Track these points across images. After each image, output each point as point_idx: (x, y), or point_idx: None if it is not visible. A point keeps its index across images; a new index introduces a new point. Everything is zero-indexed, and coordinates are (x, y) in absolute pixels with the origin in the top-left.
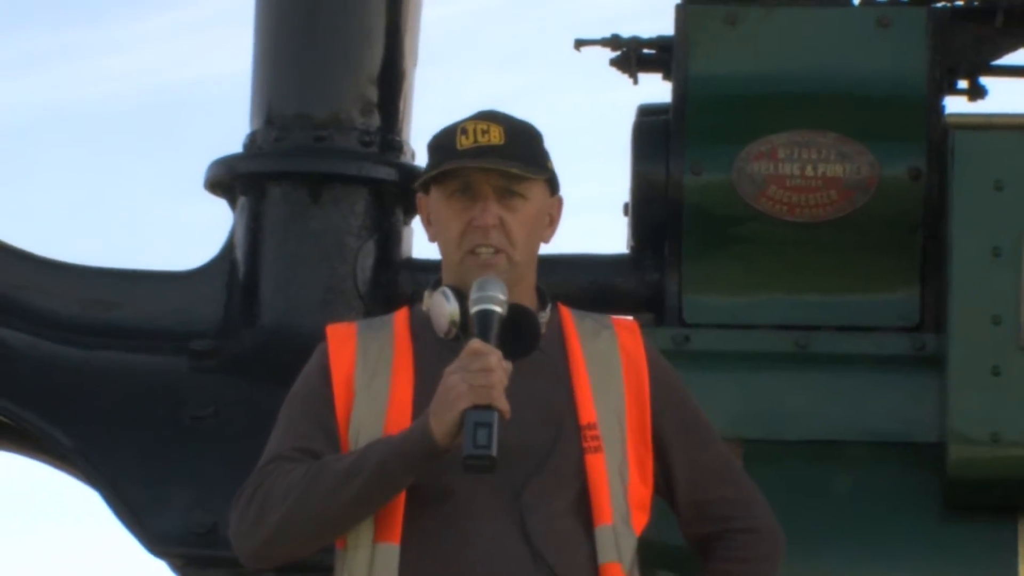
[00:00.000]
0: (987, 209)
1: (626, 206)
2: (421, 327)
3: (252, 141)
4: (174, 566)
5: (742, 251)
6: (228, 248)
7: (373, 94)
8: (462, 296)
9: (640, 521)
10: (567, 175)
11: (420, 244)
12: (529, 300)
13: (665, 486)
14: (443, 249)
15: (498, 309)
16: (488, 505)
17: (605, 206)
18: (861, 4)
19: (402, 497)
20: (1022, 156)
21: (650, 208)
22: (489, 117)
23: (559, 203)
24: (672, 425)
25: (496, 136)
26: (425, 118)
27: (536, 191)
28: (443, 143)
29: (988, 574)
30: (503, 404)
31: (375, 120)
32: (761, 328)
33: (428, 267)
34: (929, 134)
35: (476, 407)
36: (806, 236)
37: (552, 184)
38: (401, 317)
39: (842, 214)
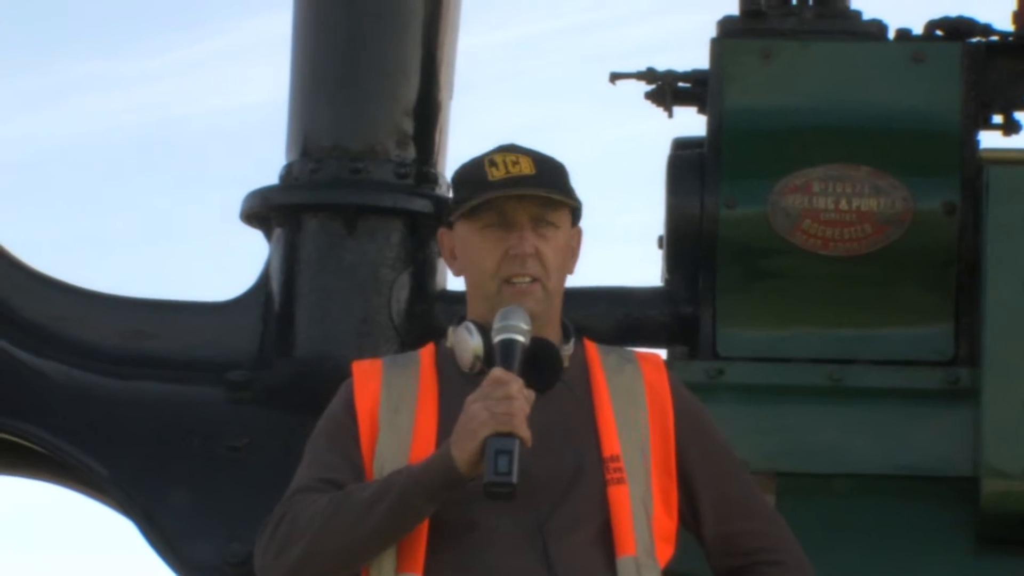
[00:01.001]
0: (1021, 244)
1: (660, 239)
2: (446, 363)
3: (288, 172)
4: None
5: (776, 285)
6: (264, 279)
7: (409, 126)
8: (485, 331)
9: (665, 553)
10: (603, 207)
11: (455, 276)
12: (555, 333)
13: (691, 518)
14: (474, 281)
15: (521, 339)
16: (511, 536)
17: (640, 239)
18: (896, 39)
19: (424, 528)
20: None
21: (685, 241)
22: (515, 149)
23: (579, 234)
24: (697, 457)
25: (527, 167)
26: (460, 149)
27: (564, 221)
28: (472, 177)
29: None
30: (525, 432)
31: (410, 152)
32: (795, 361)
33: (463, 299)
34: (963, 169)
35: (498, 435)
36: (840, 270)
37: (575, 215)
38: (427, 353)
39: (876, 248)
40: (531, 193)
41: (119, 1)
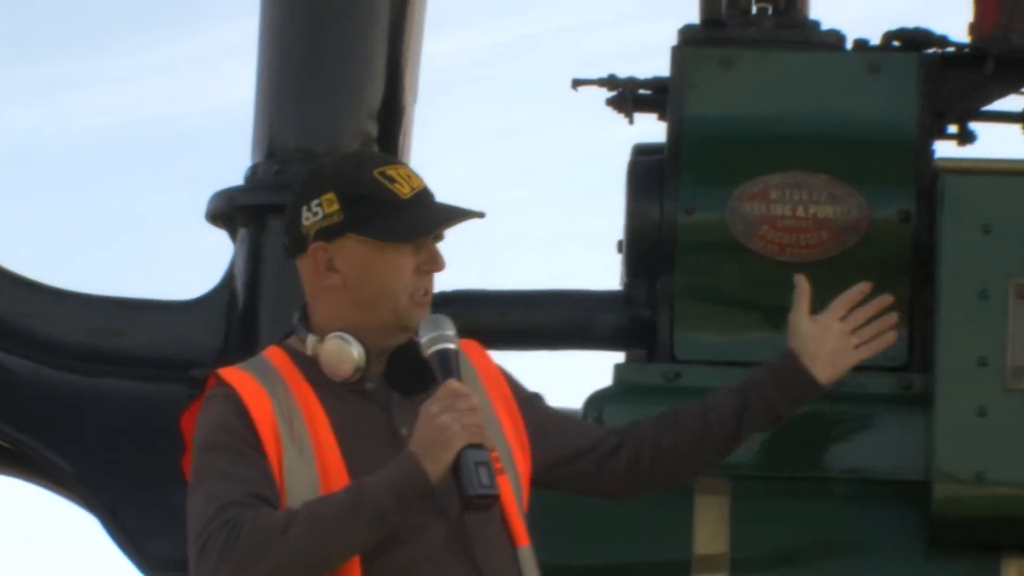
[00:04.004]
0: (975, 252)
1: (620, 243)
2: (309, 369)
3: (253, 174)
4: None
5: (733, 290)
6: (228, 279)
7: (373, 129)
8: (362, 342)
9: None
10: (564, 211)
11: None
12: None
13: (557, 454)
14: (371, 294)
15: (453, 346)
16: (439, 539)
17: (600, 243)
18: (853, 50)
19: None
20: (1010, 200)
21: (643, 246)
22: (391, 160)
23: None
24: (539, 416)
25: (418, 178)
26: (424, 153)
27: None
28: (371, 192)
29: None
30: (491, 441)
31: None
32: (751, 365)
33: (439, 300)
34: (918, 178)
35: (471, 446)
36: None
37: None
38: (281, 360)
39: (832, 255)
40: (475, 214)
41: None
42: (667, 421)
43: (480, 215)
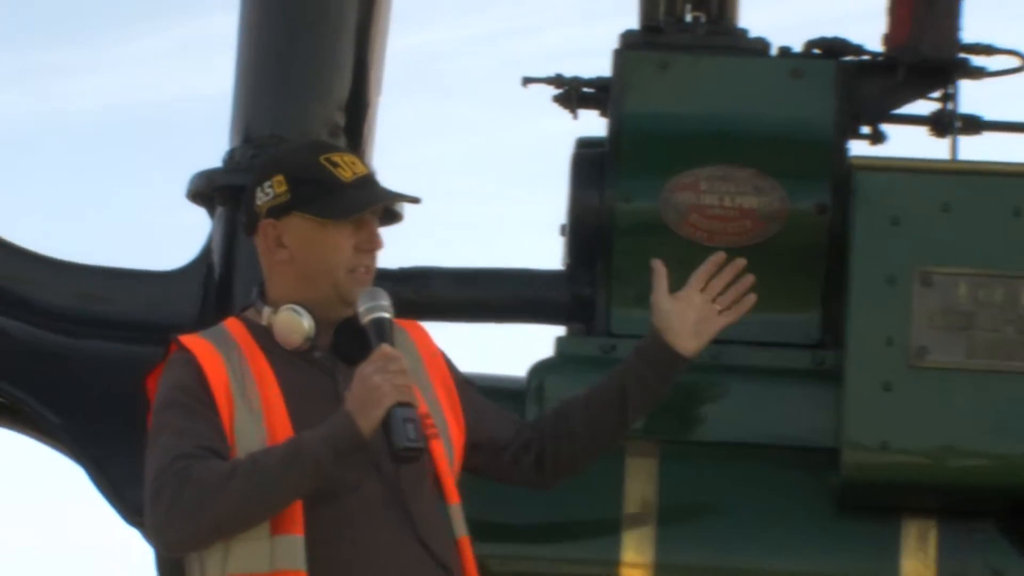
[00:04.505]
0: (884, 242)
1: (563, 227)
2: (263, 338)
3: (231, 157)
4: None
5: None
6: (206, 252)
7: (341, 119)
8: (313, 313)
9: None
10: (512, 197)
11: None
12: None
13: (486, 442)
14: (314, 268)
15: (388, 315)
16: (375, 493)
17: (544, 226)
18: (778, 56)
19: None
20: (916, 195)
21: (584, 230)
22: (339, 149)
23: None
24: (471, 400)
25: (362, 166)
26: (386, 142)
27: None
28: (316, 176)
29: (874, 567)
30: (418, 401)
31: (341, 142)
32: None
33: (380, 274)
34: (834, 173)
35: (400, 404)
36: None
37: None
38: (238, 329)
39: (755, 242)
40: (410, 199)
41: None
42: (561, 417)
43: (414, 200)
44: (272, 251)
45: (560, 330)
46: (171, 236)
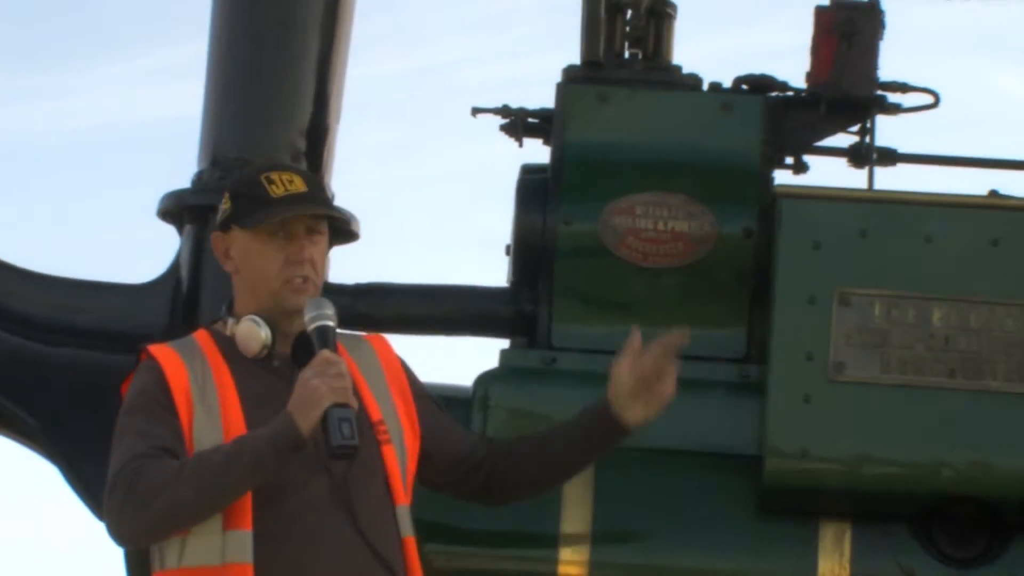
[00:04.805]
0: (805, 264)
1: (508, 247)
2: (227, 348)
3: (199, 179)
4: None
5: (603, 289)
6: (175, 267)
7: (302, 144)
8: (270, 323)
9: (410, 496)
10: (460, 219)
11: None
12: None
13: (437, 456)
14: (255, 280)
15: (331, 323)
16: (321, 492)
17: (490, 246)
18: (709, 91)
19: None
20: (836, 221)
21: (528, 250)
22: (287, 168)
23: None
24: (427, 409)
25: (300, 184)
26: (344, 165)
27: (326, 229)
28: (252, 192)
29: (793, 566)
30: (355, 402)
31: (303, 165)
32: (616, 353)
33: (338, 290)
34: (760, 200)
35: (336, 405)
36: (656, 280)
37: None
38: (205, 340)
39: (686, 263)
40: (322, 213)
41: (62, 24)
42: (515, 451)
43: (334, 215)
44: (223, 262)
45: (504, 343)
46: (140, 252)
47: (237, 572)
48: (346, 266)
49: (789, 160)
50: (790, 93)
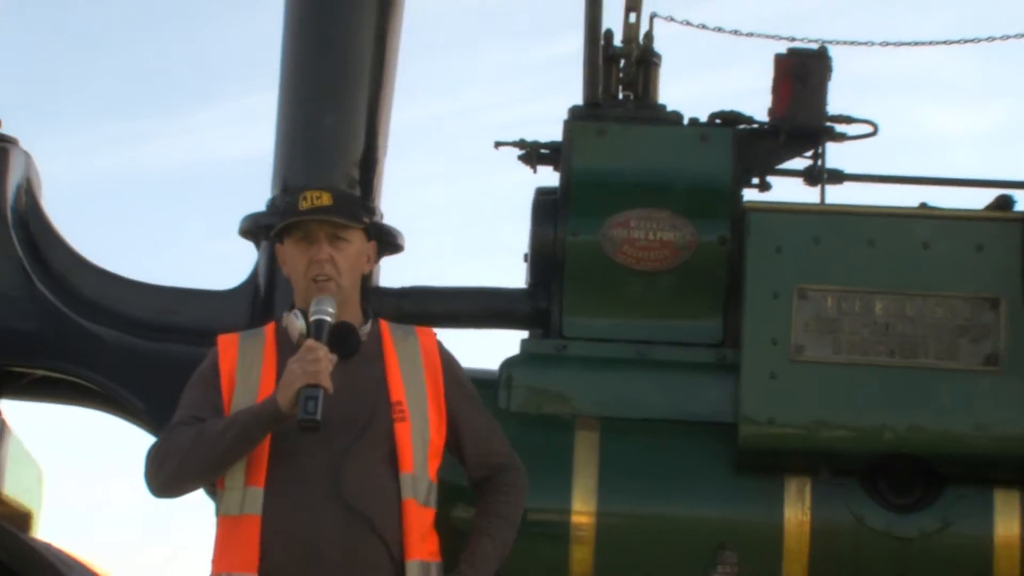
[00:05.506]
0: (770, 266)
1: (526, 255)
2: (282, 336)
3: (272, 203)
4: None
5: (604, 289)
6: (254, 276)
7: (356, 173)
8: (307, 315)
9: (435, 465)
10: (485, 231)
11: (385, 276)
12: (355, 315)
13: (455, 444)
14: (294, 280)
15: (328, 318)
16: (319, 459)
17: (512, 254)
18: (688, 125)
19: (265, 453)
20: (795, 230)
21: (543, 258)
22: (324, 187)
23: (374, 247)
24: (458, 401)
25: (326, 200)
26: (391, 190)
27: (356, 238)
28: (290, 207)
29: (763, 514)
30: (327, 383)
31: (357, 191)
32: (616, 342)
33: (386, 292)
34: (732, 214)
35: (308, 385)
36: (648, 280)
37: (368, 233)
38: (270, 329)
39: (672, 266)
40: (323, 219)
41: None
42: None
43: (337, 221)
44: (282, 268)
45: (524, 334)
46: (224, 264)
47: (249, 521)
48: (395, 272)
49: (755, 180)
50: (755, 125)
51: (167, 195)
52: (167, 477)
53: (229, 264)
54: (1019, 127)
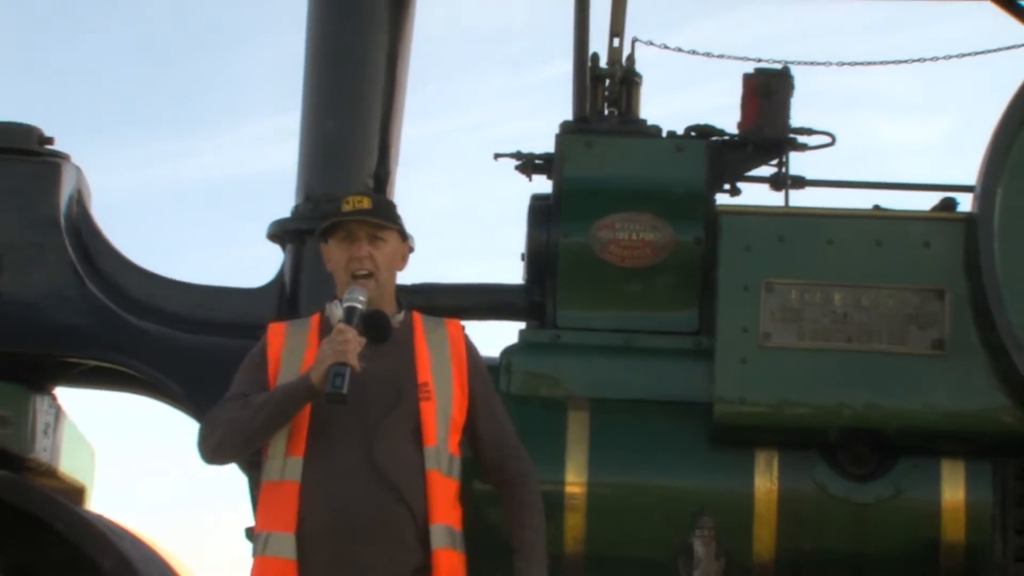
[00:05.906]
0: (740, 262)
1: (523, 255)
2: (326, 326)
3: (296, 210)
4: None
5: (593, 285)
6: (280, 276)
7: (370, 183)
8: None
9: (456, 440)
10: (486, 233)
11: (406, 274)
12: (390, 306)
13: (471, 424)
14: (336, 275)
15: (359, 305)
16: (353, 432)
17: (510, 254)
18: (667, 137)
19: (304, 425)
20: (762, 230)
21: (538, 257)
22: (363, 193)
23: (407, 247)
24: (480, 390)
25: (367, 204)
26: (401, 199)
27: (392, 238)
28: (332, 210)
29: (736, 483)
30: (354, 362)
31: None
32: (604, 331)
33: (399, 288)
34: (706, 217)
35: (337, 363)
36: (632, 276)
37: (402, 235)
38: (315, 319)
39: (653, 263)
40: (361, 219)
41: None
42: (506, 507)
43: (374, 222)
44: (326, 264)
45: (522, 325)
46: (253, 265)
47: (288, 487)
48: (406, 270)
49: (726, 186)
50: (726, 137)
51: (204, 205)
52: (216, 444)
53: (259, 265)
54: (961, 137)
